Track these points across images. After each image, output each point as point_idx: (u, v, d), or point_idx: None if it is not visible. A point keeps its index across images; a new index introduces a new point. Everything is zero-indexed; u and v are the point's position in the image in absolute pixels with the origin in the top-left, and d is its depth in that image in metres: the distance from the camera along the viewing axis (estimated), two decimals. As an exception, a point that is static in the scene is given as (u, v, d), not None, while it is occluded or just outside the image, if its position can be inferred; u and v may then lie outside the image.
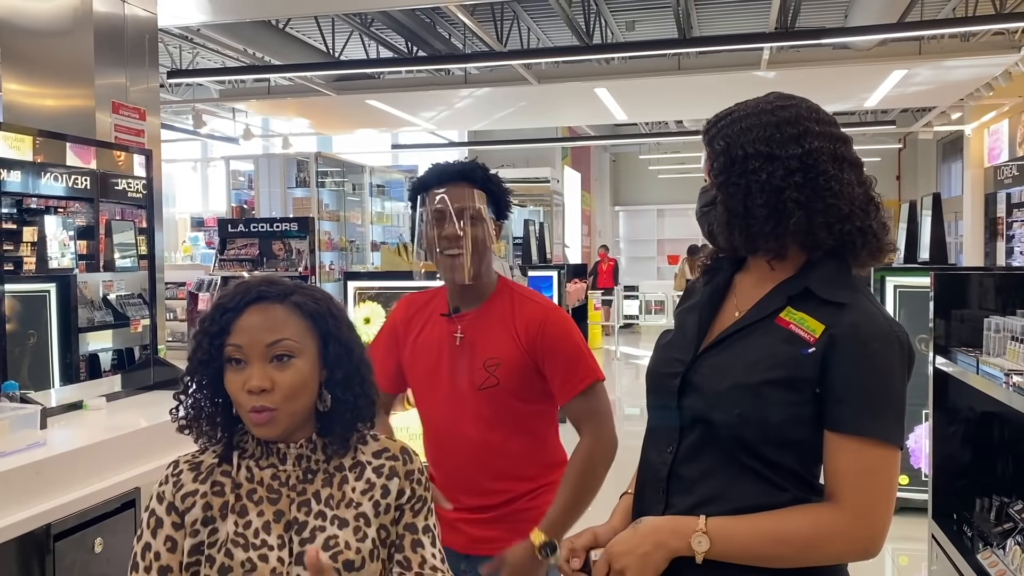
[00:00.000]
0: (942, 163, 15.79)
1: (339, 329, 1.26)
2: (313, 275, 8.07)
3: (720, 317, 1.33)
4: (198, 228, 13.19)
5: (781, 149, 1.22)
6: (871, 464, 1.15)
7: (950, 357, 3.30)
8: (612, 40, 9.70)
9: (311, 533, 1.22)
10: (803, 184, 1.21)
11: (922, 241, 5.01)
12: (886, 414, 1.17)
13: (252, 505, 1.23)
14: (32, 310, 3.94)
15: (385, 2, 7.29)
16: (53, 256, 4.45)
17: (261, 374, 1.19)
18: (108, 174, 4.16)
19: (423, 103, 10.64)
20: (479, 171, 1.86)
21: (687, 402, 1.27)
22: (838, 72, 8.92)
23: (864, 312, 1.20)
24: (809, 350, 1.18)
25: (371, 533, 1.23)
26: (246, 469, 1.26)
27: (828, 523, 1.15)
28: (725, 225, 1.27)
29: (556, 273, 7.16)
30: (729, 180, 1.25)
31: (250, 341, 1.20)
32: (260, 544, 1.20)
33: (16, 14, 4.35)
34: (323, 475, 1.26)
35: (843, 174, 1.23)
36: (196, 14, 7.08)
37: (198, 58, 10.33)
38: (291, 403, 1.21)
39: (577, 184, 16.27)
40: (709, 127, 1.32)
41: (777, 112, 1.26)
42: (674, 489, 1.27)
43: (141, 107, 4.53)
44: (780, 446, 1.20)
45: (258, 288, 1.23)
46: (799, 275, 1.26)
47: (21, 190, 3.89)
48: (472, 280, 1.83)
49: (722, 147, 1.27)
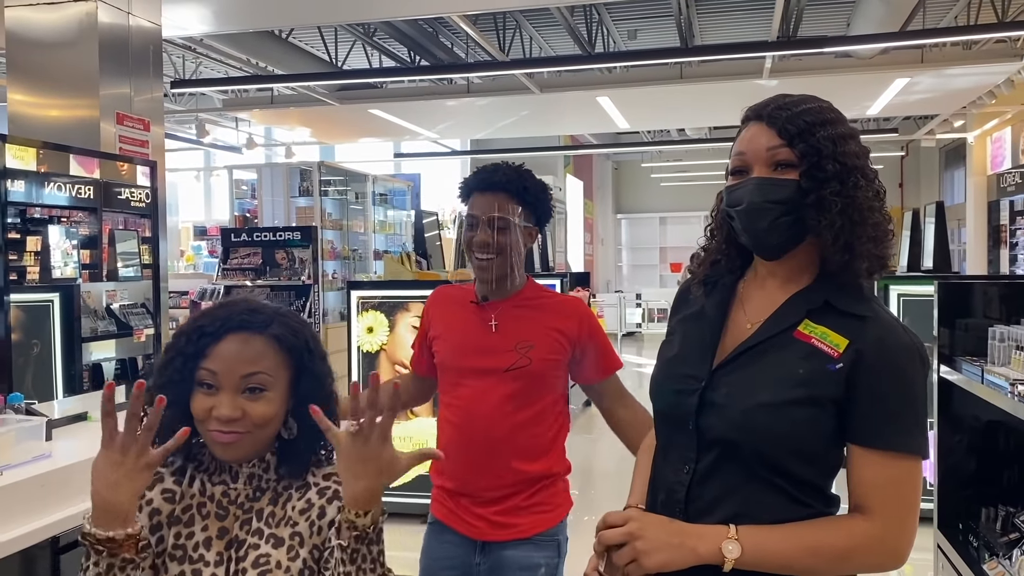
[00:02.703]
0: (945, 171, 15.78)
1: (313, 362, 1.27)
2: (316, 284, 8.07)
3: (729, 329, 1.29)
4: (201, 237, 13.21)
5: (870, 170, 1.22)
6: (900, 476, 1.15)
7: (954, 366, 3.29)
8: (614, 49, 9.72)
9: (246, 551, 1.21)
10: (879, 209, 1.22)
11: (925, 249, 5.02)
12: (913, 427, 1.17)
13: (199, 519, 1.24)
14: (36, 320, 3.94)
15: (388, 12, 7.30)
16: (56, 266, 4.46)
17: (232, 404, 1.20)
18: (111, 183, 4.17)
19: (425, 112, 10.66)
20: (518, 181, 1.97)
21: (707, 421, 1.23)
22: (840, 80, 8.93)
23: (886, 326, 1.19)
24: (837, 366, 1.16)
25: (303, 553, 1.22)
26: (199, 482, 1.26)
27: (862, 535, 1.15)
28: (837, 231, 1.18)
29: (559, 281, 7.15)
30: (845, 192, 1.18)
31: (225, 370, 1.20)
32: (197, 559, 1.21)
33: (23, 25, 4.37)
34: (271, 493, 1.26)
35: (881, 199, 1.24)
36: (199, 25, 7.11)
37: (201, 68, 10.36)
38: (258, 432, 1.22)
39: (580, 192, 16.28)
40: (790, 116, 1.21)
41: (848, 124, 1.23)
42: (693, 510, 1.23)
43: (145, 118, 4.54)
44: (804, 461, 1.18)
45: (240, 316, 1.23)
46: (816, 286, 1.23)
47: (25, 200, 3.90)
48: (498, 285, 1.97)
49: (829, 150, 1.18)
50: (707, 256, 1.36)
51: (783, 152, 1.21)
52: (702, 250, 1.37)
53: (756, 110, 1.26)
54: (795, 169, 1.20)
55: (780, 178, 1.21)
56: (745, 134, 1.25)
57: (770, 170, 1.22)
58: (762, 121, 1.23)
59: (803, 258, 1.24)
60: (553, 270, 8.23)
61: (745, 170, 1.24)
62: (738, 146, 1.26)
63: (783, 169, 1.21)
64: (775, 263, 1.26)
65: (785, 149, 1.20)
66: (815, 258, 1.24)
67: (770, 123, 1.22)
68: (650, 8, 8.84)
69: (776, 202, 1.20)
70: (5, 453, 2.08)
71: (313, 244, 8.11)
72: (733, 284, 1.33)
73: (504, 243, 1.94)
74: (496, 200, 1.95)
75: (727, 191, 1.28)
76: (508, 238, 1.94)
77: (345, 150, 15.18)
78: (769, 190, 1.21)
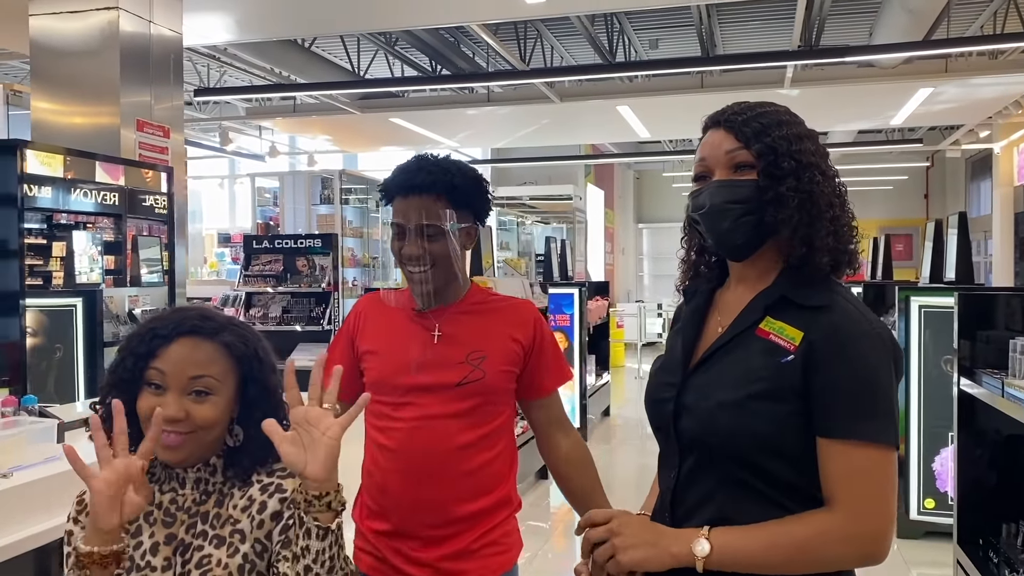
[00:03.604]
0: (971, 181, 15.60)
1: (262, 372, 1.30)
2: (336, 291, 8.11)
3: (705, 335, 1.32)
4: (225, 244, 13.33)
5: (826, 166, 1.25)
6: (862, 465, 1.14)
7: (975, 379, 3.24)
8: (635, 58, 9.72)
9: (191, 553, 1.24)
10: (839, 205, 1.24)
11: (948, 260, 4.94)
12: (874, 415, 1.15)
13: (146, 526, 1.26)
14: (59, 324, 4.00)
15: (408, 20, 7.36)
16: (82, 271, 4.52)
17: (177, 404, 1.23)
18: (136, 190, 4.23)
19: (446, 121, 10.71)
20: (444, 180, 1.70)
21: (682, 425, 1.26)
22: (863, 90, 8.86)
23: (843, 313, 1.19)
24: (788, 358, 1.18)
25: (244, 548, 1.24)
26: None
27: (822, 525, 1.14)
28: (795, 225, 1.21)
29: (577, 290, 7.13)
30: (800, 187, 1.21)
31: (173, 371, 1.24)
32: (144, 565, 1.23)
33: (47, 35, 4.44)
34: (216, 496, 1.28)
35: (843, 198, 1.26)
36: (223, 33, 7.19)
37: (226, 77, 10.48)
38: (201, 434, 1.25)
39: (600, 201, 16.27)
40: (747, 120, 1.25)
41: (804, 125, 1.27)
42: (678, 515, 1.26)
43: (165, 125, 4.60)
44: (775, 458, 1.18)
45: (193, 321, 1.27)
46: (778, 282, 1.26)
47: (52, 206, 3.97)
48: (437, 296, 1.75)
49: (784, 148, 1.22)
50: (686, 268, 1.39)
51: (741, 154, 1.25)
52: (681, 262, 1.40)
53: (715, 117, 1.30)
54: (754, 169, 1.24)
55: (739, 179, 1.25)
56: (706, 140, 1.30)
57: (730, 172, 1.26)
58: (721, 127, 1.28)
59: (770, 258, 1.27)
60: (571, 280, 8.20)
61: (707, 175, 1.29)
62: (699, 152, 1.31)
63: (743, 170, 1.25)
64: (744, 267, 1.29)
65: (743, 151, 1.24)
66: (781, 258, 1.26)
67: (728, 128, 1.27)
68: (671, 17, 8.83)
69: (736, 202, 1.24)
70: (16, 454, 2.10)
71: (333, 251, 8.16)
72: (710, 293, 1.36)
73: (438, 252, 1.69)
74: (423, 205, 1.68)
75: (691, 196, 1.32)
76: (443, 246, 1.70)
77: (368, 158, 15.27)
78: (729, 191, 1.25)
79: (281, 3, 6.42)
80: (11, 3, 4.85)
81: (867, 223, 17.34)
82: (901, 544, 4.35)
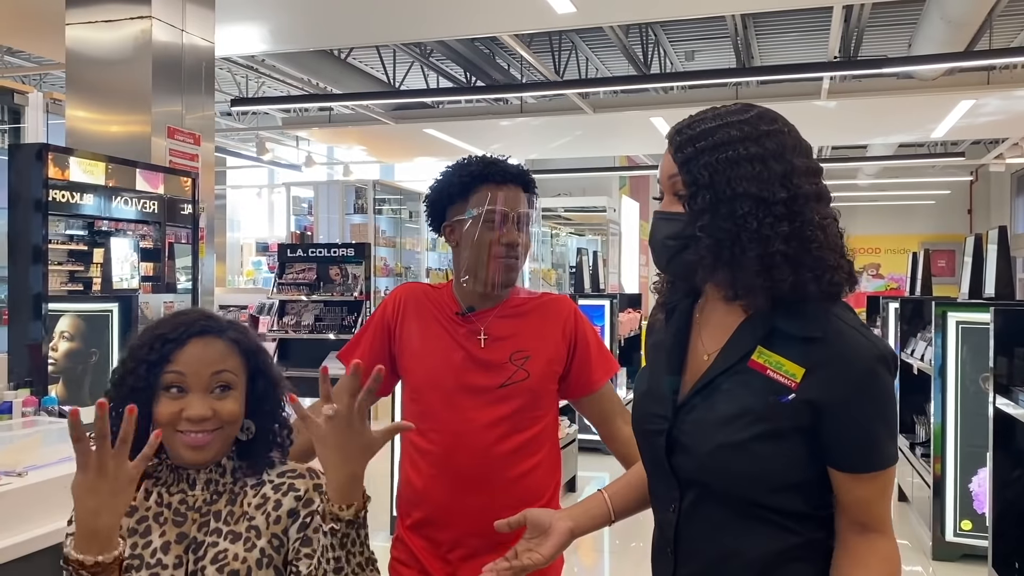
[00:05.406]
0: (1016, 196, 15.25)
1: (268, 366, 1.32)
2: (368, 300, 8.15)
3: (690, 361, 1.23)
4: (263, 253, 13.50)
5: (770, 192, 1.09)
6: (885, 484, 1.14)
7: (1011, 397, 3.14)
8: (671, 69, 9.67)
9: (205, 550, 1.24)
10: (790, 235, 1.09)
11: (988, 276, 4.81)
12: (888, 440, 1.14)
13: (156, 526, 1.26)
14: (95, 329, 4.06)
15: (440, 31, 7.39)
16: (122, 277, 4.61)
17: (202, 403, 1.23)
18: (175, 199, 4.30)
19: (480, 132, 10.75)
20: (528, 174, 1.81)
21: (677, 462, 1.19)
22: (902, 102, 8.71)
23: (843, 341, 1.10)
24: (790, 397, 1.10)
25: (260, 543, 1.24)
26: (156, 495, 1.28)
27: (887, 553, 1.14)
28: (710, 269, 1.12)
29: (608, 302, 7.07)
30: (716, 224, 1.10)
31: (194, 370, 1.24)
32: (155, 564, 1.23)
33: (82, 44, 4.53)
34: (228, 495, 1.28)
35: (826, 219, 1.13)
36: (257, 43, 7.30)
37: (263, 87, 10.63)
38: (228, 430, 1.26)
39: (635, 213, 16.19)
40: (683, 142, 1.14)
41: (763, 141, 1.11)
42: (682, 550, 1.20)
43: (196, 132, 4.66)
44: (788, 492, 1.14)
45: (201, 322, 1.28)
46: (765, 312, 1.14)
47: (95, 213, 4.06)
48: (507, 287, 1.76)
49: (705, 179, 1.10)
50: (663, 278, 1.30)
51: (679, 182, 1.14)
52: (656, 274, 1.31)
53: (669, 132, 1.19)
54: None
55: (671, 212, 1.16)
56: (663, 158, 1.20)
57: (673, 200, 1.16)
58: (669, 145, 1.17)
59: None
60: (603, 291, 8.14)
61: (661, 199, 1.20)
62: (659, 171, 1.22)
63: (682, 199, 1.14)
64: (713, 286, 1.19)
65: (678, 178, 1.14)
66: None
67: (671, 147, 1.16)
68: (707, 29, 8.77)
69: (670, 237, 1.16)
70: (32, 454, 2.12)
71: (366, 261, 8.21)
72: (690, 308, 1.26)
73: (527, 243, 1.75)
74: (520, 196, 1.75)
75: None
76: (529, 237, 1.76)
77: (404, 169, 15.38)
78: (662, 226, 1.17)
79: (313, 13, 6.49)
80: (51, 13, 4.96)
81: (908, 238, 17.03)
82: (936, 567, 4.22)
